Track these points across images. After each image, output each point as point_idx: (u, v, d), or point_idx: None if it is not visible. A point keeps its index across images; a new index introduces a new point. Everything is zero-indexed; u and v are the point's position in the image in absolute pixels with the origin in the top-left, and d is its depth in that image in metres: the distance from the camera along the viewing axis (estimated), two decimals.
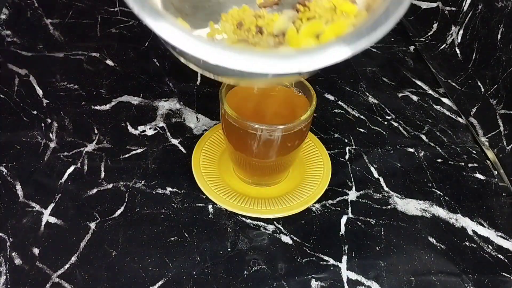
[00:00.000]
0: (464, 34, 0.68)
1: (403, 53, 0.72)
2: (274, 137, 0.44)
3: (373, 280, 0.43)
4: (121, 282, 0.41)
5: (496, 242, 0.47)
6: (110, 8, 0.75)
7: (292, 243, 0.45)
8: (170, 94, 0.61)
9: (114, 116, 0.57)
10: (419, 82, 0.67)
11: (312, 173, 0.51)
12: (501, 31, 0.60)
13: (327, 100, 0.62)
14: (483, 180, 0.53)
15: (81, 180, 0.49)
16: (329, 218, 0.48)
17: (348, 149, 0.55)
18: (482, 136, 0.58)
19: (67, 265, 0.42)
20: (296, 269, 0.43)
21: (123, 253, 0.43)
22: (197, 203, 0.48)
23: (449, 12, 0.72)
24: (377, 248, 0.45)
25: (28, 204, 0.47)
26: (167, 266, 0.43)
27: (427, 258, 0.45)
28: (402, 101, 0.63)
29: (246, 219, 0.47)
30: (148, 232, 0.45)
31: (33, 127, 0.54)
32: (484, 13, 0.64)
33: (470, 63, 0.66)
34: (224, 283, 0.42)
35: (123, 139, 0.54)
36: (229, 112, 0.43)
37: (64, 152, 0.52)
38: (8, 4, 0.70)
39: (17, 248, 0.43)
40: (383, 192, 0.51)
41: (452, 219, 0.49)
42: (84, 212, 0.46)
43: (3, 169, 0.49)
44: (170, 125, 0.57)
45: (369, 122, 0.60)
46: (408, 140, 0.57)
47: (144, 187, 0.49)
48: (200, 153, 0.52)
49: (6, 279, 0.41)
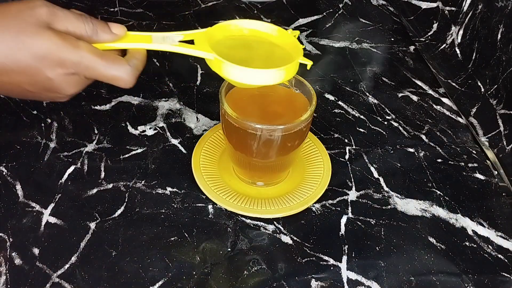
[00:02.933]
0: (464, 34, 0.68)
1: (403, 53, 0.72)
2: (274, 137, 0.44)
3: (373, 280, 0.43)
4: (121, 282, 0.41)
5: (496, 242, 0.47)
6: (110, 8, 0.75)
7: (292, 243, 0.45)
8: (170, 94, 0.61)
9: (114, 116, 0.57)
10: (419, 82, 0.67)
11: (312, 173, 0.51)
12: (501, 31, 0.60)
13: (327, 100, 0.62)
14: (483, 180, 0.53)
15: (81, 180, 0.49)
16: (329, 218, 0.48)
17: (348, 149, 0.55)
18: (482, 136, 0.58)
19: (67, 265, 0.42)
20: (296, 269, 0.43)
21: (123, 253, 0.43)
22: (197, 203, 0.48)
23: (449, 12, 0.72)
24: (377, 248, 0.45)
25: (28, 204, 0.47)
26: (167, 266, 0.43)
27: (427, 258, 0.45)
28: (402, 101, 0.63)
29: (246, 219, 0.47)
30: (148, 232, 0.45)
31: (33, 127, 0.54)
32: (484, 13, 0.64)
33: (470, 63, 0.66)
34: (224, 283, 0.42)
35: (123, 139, 0.54)
36: (229, 112, 0.43)
37: (64, 152, 0.52)
38: None
39: (17, 248, 0.43)
40: (383, 192, 0.51)
41: (452, 219, 0.49)
42: (84, 212, 0.46)
43: (3, 169, 0.49)
44: (170, 125, 0.57)
45: (369, 122, 0.60)
46: (408, 140, 0.57)
47: (144, 187, 0.49)
48: (200, 153, 0.52)
49: (6, 279, 0.41)
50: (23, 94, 0.38)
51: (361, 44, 0.73)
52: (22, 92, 0.38)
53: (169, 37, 0.41)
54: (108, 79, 0.38)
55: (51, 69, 0.36)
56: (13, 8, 0.36)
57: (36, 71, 0.36)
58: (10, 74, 0.36)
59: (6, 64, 0.35)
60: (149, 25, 0.72)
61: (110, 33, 0.39)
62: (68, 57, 0.36)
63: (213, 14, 0.76)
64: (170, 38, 0.41)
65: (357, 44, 0.73)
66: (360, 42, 0.73)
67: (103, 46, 0.39)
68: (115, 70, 0.38)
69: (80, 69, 0.37)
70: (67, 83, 0.37)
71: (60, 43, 0.35)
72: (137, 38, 0.40)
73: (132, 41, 0.40)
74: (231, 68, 0.39)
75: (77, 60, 0.36)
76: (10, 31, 0.35)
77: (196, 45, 0.40)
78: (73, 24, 0.37)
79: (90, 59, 0.36)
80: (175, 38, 0.41)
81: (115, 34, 0.39)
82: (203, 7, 0.78)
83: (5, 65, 0.35)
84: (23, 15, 0.35)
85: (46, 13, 0.36)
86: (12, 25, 0.35)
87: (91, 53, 0.37)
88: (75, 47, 0.36)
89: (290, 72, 0.41)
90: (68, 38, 0.36)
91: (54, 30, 0.36)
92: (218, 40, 0.43)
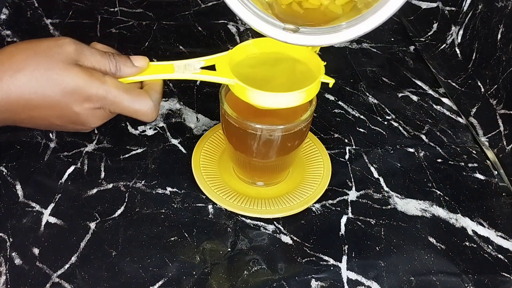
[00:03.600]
0: (464, 34, 0.68)
1: (403, 53, 0.72)
2: (274, 137, 0.44)
3: (373, 280, 0.43)
4: (121, 282, 0.41)
5: (496, 242, 0.47)
6: (110, 8, 0.75)
7: (292, 243, 0.45)
8: (170, 94, 0.61)
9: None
10: (419, 82, 0.67)
11: (312, 173, 0.51)
12: (501, 31, 0.60)
13: (327, 100, 0.62)
14: (483, 180, 0.53)
15: (81, 180, 0.49)
16: (329, 218, 0.48)
17: (348, 149, 0.55)
18: (482, 136, 0.58)
19: (67, 265, 0.42)
20: (296, 269, 0.43)
21: (123, 253, 0.43)
22: (197, 203, 0.48)
23: (449, 12, 0.72)
24: (377, 248, 0.45)
25: (28, 204, 0.47)
26: (167, 266, 0.43)
27: (427, 258, 0.45)
28: (402, 101, 0.63)
29: (246, 219, 0.47)
30: (148, 232, 0.45)
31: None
32: (484, 13, 0.64)
33: (470, 63, 0.66)
34: (224, 283, 0.42)
35: (123, 139, 0.54)
36: (229, 112, 0.43)
37: (64, 152, 0.52)
38: (8, 4, 0.70)
39: (17, 248, 0.43)
40: (383, 192, 0.51)
41: (452, 219, 0.49)
42: (84, 212, 0.46)
43: (3, 169, 0.49)
44: (170, 125, 0.57)
45: (369, 122, 0.60)
46: (408, 140, 0.57)
47: (144, 187, 0.49)
48: (200, 153, 0.52)
49: (6, 279, 0.41)
50: (49, 126, 0.40)
51: (361, 44, 0.73)
52: (49, 125, 0.39)
53: (190, 65, 0.42)
54: (131, 113, 0.39)
55: (79, 104, 0.37)
56: (43, 45, 0.37)
57: (64, 106, 0.37)
58: (39, 109, 0.37)
59: (35, 100, 0.36)
60: (149, 25, 0.72)
61: (132, 66, 0.40)
62: (95, 92, 0.37)
63: (213, 14, 0.76)
64: (192, 65, 0.42)
65: (357, 44, 0.73)
66: (360, 42, 0.73)
67: (127, 80, 0.40)
68: (138, 104, 0.39)
69: (106, 103, 0.38)
70: (93, 116, 0.39)
71: (87, 79, 0.37)
72: (159, 69, 0.41)
73: (154, 73, 0.41)
74: (253, 93, 0.40)
75: (103, 95, 0.37)
76: (39, 68, 0.36)
77: (217, 70, 0.41)
78: (99, 62, 0.38)
79: (115, 94, 0.38)
80: (196, 65, 0.42)
81: (138, 67, 0.40)
82: (203, 7, 0.78)
83: (35, 101, 0.37)
84: (52, 52, 0.37)
85: (74, 50, 0.37)
86: (42, 62, 0.36)
87: (117, 88, 0.38)
88: (102, 83, 0.37)
89: (312, 92, 0.42)
90: (95, 74, 0.38)
91: (81, 67, 0.37)
92: (239, 61, 0.44)
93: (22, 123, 0.39)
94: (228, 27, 0.74)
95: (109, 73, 0.39)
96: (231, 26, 0.74)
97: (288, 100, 0.40)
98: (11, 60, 0.36)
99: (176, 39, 0.71)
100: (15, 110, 0.37)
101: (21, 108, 0.37)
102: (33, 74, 0.36)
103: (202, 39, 0.71)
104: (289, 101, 0.41)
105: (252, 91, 0.40)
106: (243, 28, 0.74)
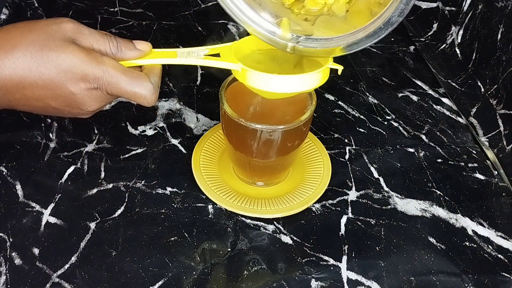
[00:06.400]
0: (464, 34, 0.68)
1: (403, 53, 0.72)
2: (274, 137, 0.44)
3: (373, 280, 0.43)
4: (121, 282, 0.41)
5: (496, 242, 0.47)
6: (110, 8, 0.75)
7: (292, 243, 0.45)
8: (170, 94, 0.61)
9: (114, 116, 0.57)
10: (419, 82, 0.67)
11: (312, 173, 0.51)
12: (501, 31, 0.60)
13: (327, 100, 0.62)
14: (483, 180, 0.53)
15: (81, 180, 0.49)
16: (329, 218, 0.48)
17: (348, 149, 0.55)
18: (482, 136, 0.58)
19: (67, 265, 0.42)
20: (296, 269, 0.43)
21: (123, 253, 0.43)
22: (197, 203, 0.48)
23: (449, 12, 0.72)
24: (377, 248, 0.45)
25: (28, 204, 0.47)
26: (167, 266, 0.43)
27: (427, 258, 0.45)
28: (402, 101, 0.63)
29: (246, 219, 0.47)
30: (148, 232, 0.45)
31: (33, 127, 0.54)
32: (484, 13, 0.64)
33: (470, 63, 0.66)
34: (224, 283, 0.42)
35: (123, 139, 0.54)
36: (229, 112, 0.43)
37: (64, 152, 0.52)
38: (8, 4, 0.70)
39: (17, 248, 0.43)
40: (383, 192, 0.51)
41: (452, 219, 0.49)
42: (84, 212, 0.46)
43: (3, 169, 0.49)
44: (170, 125, 0.57)
45: (369, 122, 0.60)
46: (408, 140, 0.57)
47: (144, 187, 0.49)
48: (200, 153, 0.52)
49: (6, 279, 0.41)
50: (45, 109, 0.39)
51: None
52: (45, 107, 0.38)
53: (194, 52, 0.41)
54: (130, 95, 0.38)
55: (74, 83, 0.36)
56: (41, 23, 0.36)
57: (59, 85, 0.36)
58: (33, 87, 0.36)
59: (29, 77, 0.35)
60: (149, 25, 0.72)
61: (134, 49, 0.39)
62: (91, 72, 0.36)
63: (213, 14, 0.76)
64: (195, 53, 0.41)
65: None
66: None
67: (128, 63, 0.39)
68: (137, 87, 0.38)
69: (103, 83, 0.37)
70: (90, 98, 0.38)
71: (84, 58, 0.36)
72: (162, 54, 0.40)
73: (157, 57, 0.40)
74: (259, 76, 0.39)
75: (99, 74, 0.36)
76: (35, 45, 0.35)
77: (222, 58, 0.40)
78: (98, 42, 0.37)
79: (112, 74, 0.37)
80: (200, 53, 0.41)
81: (140, 50, 0.39)
82: (203, 7, 0.78)
83: (29, 78, 0.36)
84: (49, 29, 0.36)
85: (72, 29, 0.36)
86: (37, 39, 0.35)
87: (114, 68, 0.37)
88: (98, 62, 0.36)
89: (320, 78, 0.40)
90: (92, 53, 0.37)
91: (78, 45, 0.36)
92: (245, 54, 0.43)
93: (18, 105, 0.38)
94: (228, 27, 0.74)
95: (108, 53, 0.38)
96: (231, 26, 0.74)
97: (296, 84, 0.39)
98: (7, 36, 0.35)
99: (176, 39, 0.71)
100: (9, 88, 0.36)
101: (15, 87, 0.36)
102: (28, 50, 0.35)
103: (202, 39, 0.71)
104: (297, 86, 0.39)
105: (258, 75, 0.38)
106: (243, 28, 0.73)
